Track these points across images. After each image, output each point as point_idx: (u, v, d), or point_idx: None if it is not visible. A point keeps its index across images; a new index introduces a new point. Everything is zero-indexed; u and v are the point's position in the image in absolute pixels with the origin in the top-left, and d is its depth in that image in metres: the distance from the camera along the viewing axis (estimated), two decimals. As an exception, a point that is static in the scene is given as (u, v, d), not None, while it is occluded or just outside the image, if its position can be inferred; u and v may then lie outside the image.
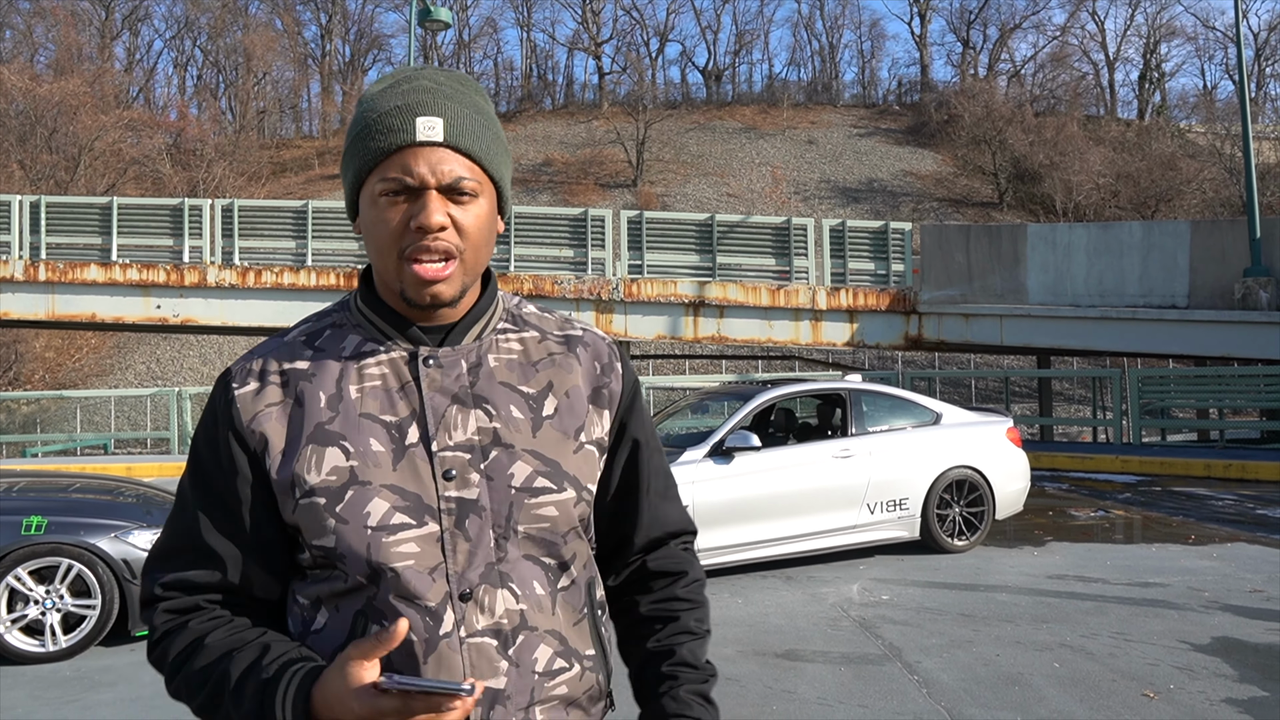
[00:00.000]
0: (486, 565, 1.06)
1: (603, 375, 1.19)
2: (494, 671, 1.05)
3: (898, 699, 4.05)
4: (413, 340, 1.12)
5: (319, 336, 1.15)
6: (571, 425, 1.14)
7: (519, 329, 1.18)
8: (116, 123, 37.38)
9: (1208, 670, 4.33)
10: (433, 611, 1.04)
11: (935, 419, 7.72)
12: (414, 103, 1.07)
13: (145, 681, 4.43)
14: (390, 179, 1.05)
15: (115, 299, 17.65)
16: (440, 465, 1.07)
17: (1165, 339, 15.68)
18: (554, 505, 1.10)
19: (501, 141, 1.14)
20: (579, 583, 1.15)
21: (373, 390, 1.10)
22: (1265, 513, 9.09)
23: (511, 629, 1.07)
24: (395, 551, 1.04)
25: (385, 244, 1.06)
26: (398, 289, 1.08)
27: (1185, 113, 48.06)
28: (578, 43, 54.42)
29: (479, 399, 1.11)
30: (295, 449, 1.07)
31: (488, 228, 1.11)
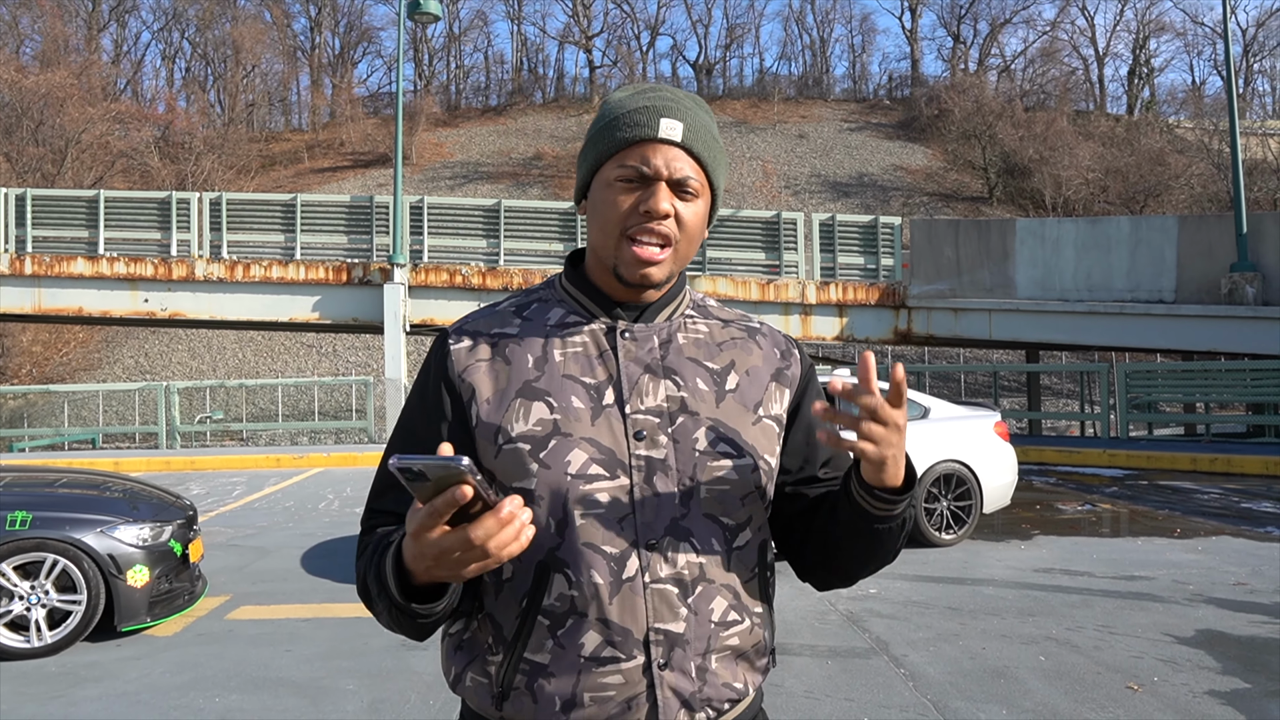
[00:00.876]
0: (671, 519, 1.16)
1: (783, 359, 1.31)
2: (674, 616, 1.14)
3: (884, 692, 4.07)
4: (612, 316, 1.24)
5: (527, 308, 1.28)
6: (752, 400, 1.25)
7: (704, 317, 1.31)
8: (104, 115, 37.11)
9: (1191, 663, 4.36)
10: (618, 558, 1.13)
11: (923, 413, 7.74)
12: (660, 105, 1.20)
13: (131, 677, 4.42)
14: (629, 166, 1.18)
15: (102, 292, 17.55)
16: (633, 426, 1.18)
17: (1152, 333, 15.77)
18: (733, 469, 1.19)
19: (725, 158, 1.26)
20: (753, 543, 1.23)
21: (575, 355, 1.22)
22: (1250, 506, 9.15)
23: (691, 579, 1.15)
24: (589, 499, 1.14)
25: (612, 222, 1.18)
26: (612, 265, 1.20)
27: (1174, 108, 48.28)
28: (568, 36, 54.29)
29: (669, 370, 1.22)
30: (503, 400, 1.19)
31: (700, 226, 1.23)
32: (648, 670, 1.13)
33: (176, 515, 5.42)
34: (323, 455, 14.67)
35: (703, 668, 1.15)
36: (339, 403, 28.52)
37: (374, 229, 17.83)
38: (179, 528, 5.34)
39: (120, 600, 4.93)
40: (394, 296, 17.11)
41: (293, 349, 32.60)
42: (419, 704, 4.00)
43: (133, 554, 5.01)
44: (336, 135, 45.95)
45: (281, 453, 15.30)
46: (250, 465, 14.43)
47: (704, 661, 1.16)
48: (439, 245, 17.95)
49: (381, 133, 44.02)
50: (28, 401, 27.37)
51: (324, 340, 32.48)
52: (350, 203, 18.40)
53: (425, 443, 1.19)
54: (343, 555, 7.28)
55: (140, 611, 5.01)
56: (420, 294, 17.54)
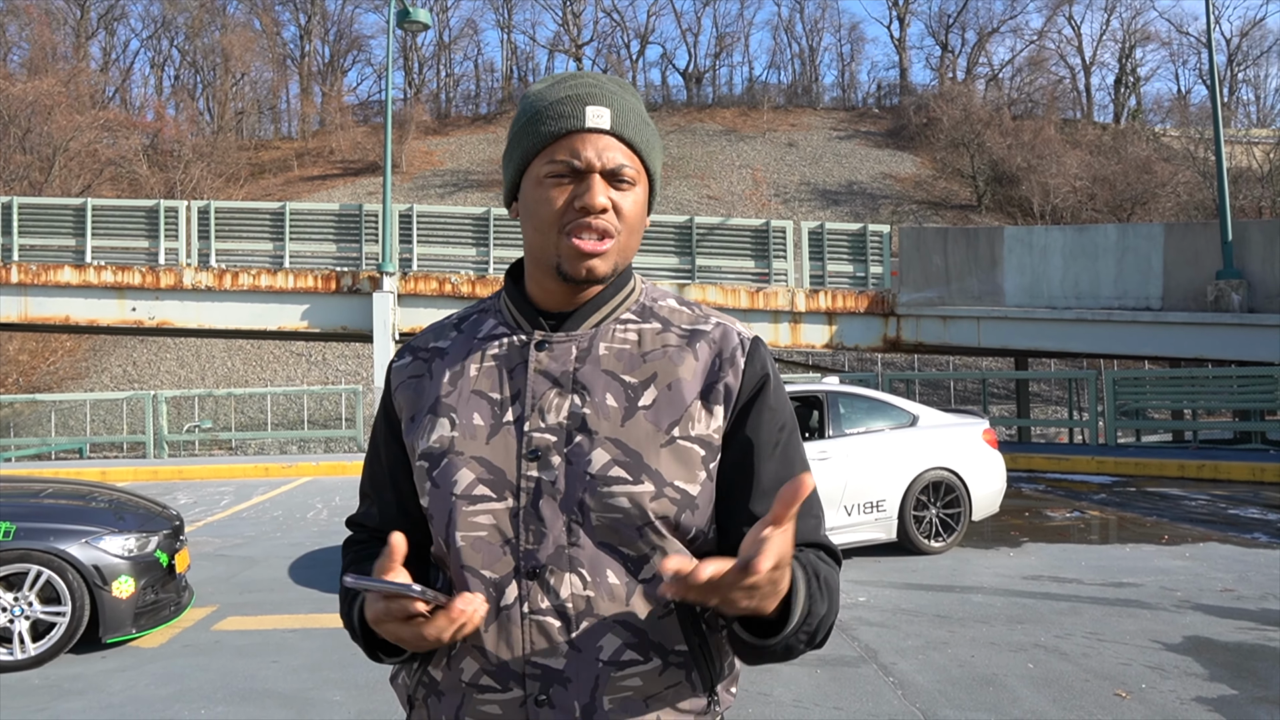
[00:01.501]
0: (556, 547, 1.09)
1: (719, 370, 1.15)
2: (554, 651, 1.08)
3: (873, 701, 4.07)
4: (534, 325, 1.18)
5: (466, 320, 1.25)
6: (667, 419, 1.12)
7: (642, 321, 1.19)
8: (92, 123, 36.99)
9: (1179, 669, 4.37)
10: (497, 584, 1.09)
11: (912, 421, 7.76)
12: (584, 94, 1.13)
13: (115, 689, 4.38)
14: (558, 161, 1.11)
15: (90, 301, 17.45)
16: (527, 444, 1.11)
17: (1140, 340, 15.85)
18: (626, 497, 1.09)
19: (658, 140, 1.20)
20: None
21: (488, 369, 1.17)
22: (1237, 512, 9.20)
23: (576, 613, 1.08)
24: (471, 521, 1.11)
25: (547, 221, 1.12)
26: (553, 264, 1.13)
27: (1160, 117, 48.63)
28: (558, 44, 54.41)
29: (578, 384, 1.13)
30: (419, 416, 1.18)
31: (641, 216, 1.17)
32: (524, 704, 1.08)
33: (163, 525, 5.38)
34: (311, 464, 14.61)
35: (591, 708, 1.07)
36: (328, 411, 28.41)
37: (363, 237, 17.80)
38: (165, 538, 5.30)
39: (105, 612, 4.90)
40: (383, 305, 17.07)
41: (282, 358, 32.48)
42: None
43: (118, 565, 4.97)
44: (326, 143, 45.89)
45: (270, 462, 15.23)
46: (238, 474, 14.36)
47: (592, 702, 1.07)
48: (429, 254, 17.93)
49: (371, 141, 43.97)
50: (14, 411, 27.18)
51: (313, 349, 32.38)
52: (339, 211, 18.37)
53: (380, 459, 1.26)
54: (332, 565, 7.25)
55: (125, 623, 4.97)
56: (410, 302, 17.51)
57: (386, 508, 1.25)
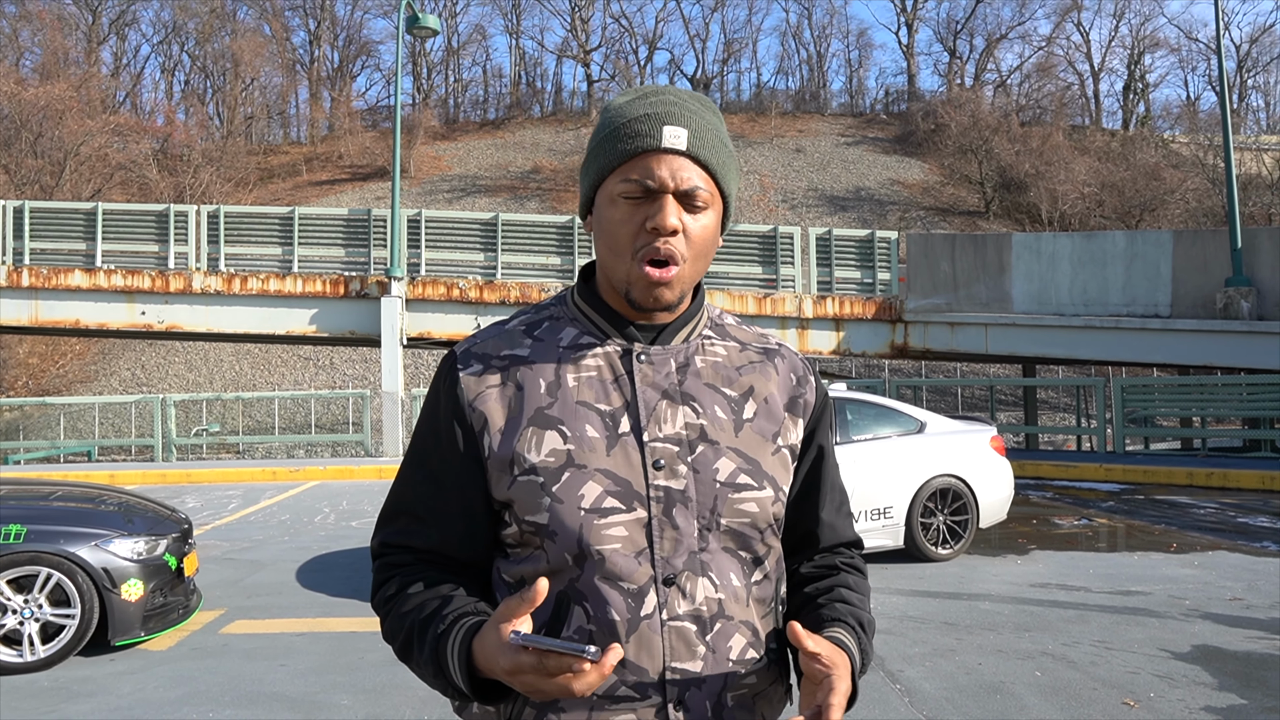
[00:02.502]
0: (689, 553, 1.11)
1: (798, 386, 1.25)
2: (692, 655, 1.10)
3: (880, 707, 4.06)
4: (627, 337, 1.18)
5: (538, 327, 1.21)
6: (769, 429, 1.20)
7: (722, 338, 1.24)
8: (103, 128, 37.20)
9: (1187, 678, 4.36)
10: (636, 593, 1.09)
11: (919, 428, 7.75)
12: (662, 112, 1.12)
13: (124, 692, 4.40)
14: (632, 180, 1.11)
15: (99, 305, 17.54)
16: (650, 455, 1.12)
17: (1148, 348, 15.80)
18: (754, 501, 1.15)
19: (735, 162, 1.19)
20: (771, 578, 1.19)
21: (589, 380, 1.16)
22: (1246, 521, 9.15)
23: (710, 616, 1.11)
24: (605, 534, 1.10)
25: (621, 243, 1.12)
26: (624, 288, 1.14)
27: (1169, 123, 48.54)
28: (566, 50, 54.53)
29: (687, 396, 1.16)
30: (515, 429, 1.14)
31: (712, 239, 1.17)
32: (662, 711, 1.09)
33: (171, 529, 5.40)
34: (319, 468, 14.65)
35: (719, 706, 1.11)
36: (336, 416, 28.48)
37: (371, 242, 17.86)
38: (174, 541, 5.32)
39: (114, 614, 4.91)
40: (391, 309, 17.11)
41: (290, 362, 32.58)
42: (413, 719, 3.98)
43: (127, 568, 4.99)
44: (335, 148, 46.06)
45: (278, 466, 15.27)
46: (246, 478, 14.40)
47: (720, 700, 1.11)
48: (436, 258, 17.98)
49: (380, 146, 44.12)
50: (24, 414, 27.32)
51: (321, 353, 32.47)
52: (348, 216, 18.43)
53: (438, 476, 1.18)
54: (339, 569, 7.26)
55: (134, 625, 4.99)
56: (417, 307, 17.55)
57: (450, 526, 1.18)
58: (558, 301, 1.25)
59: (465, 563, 1.19)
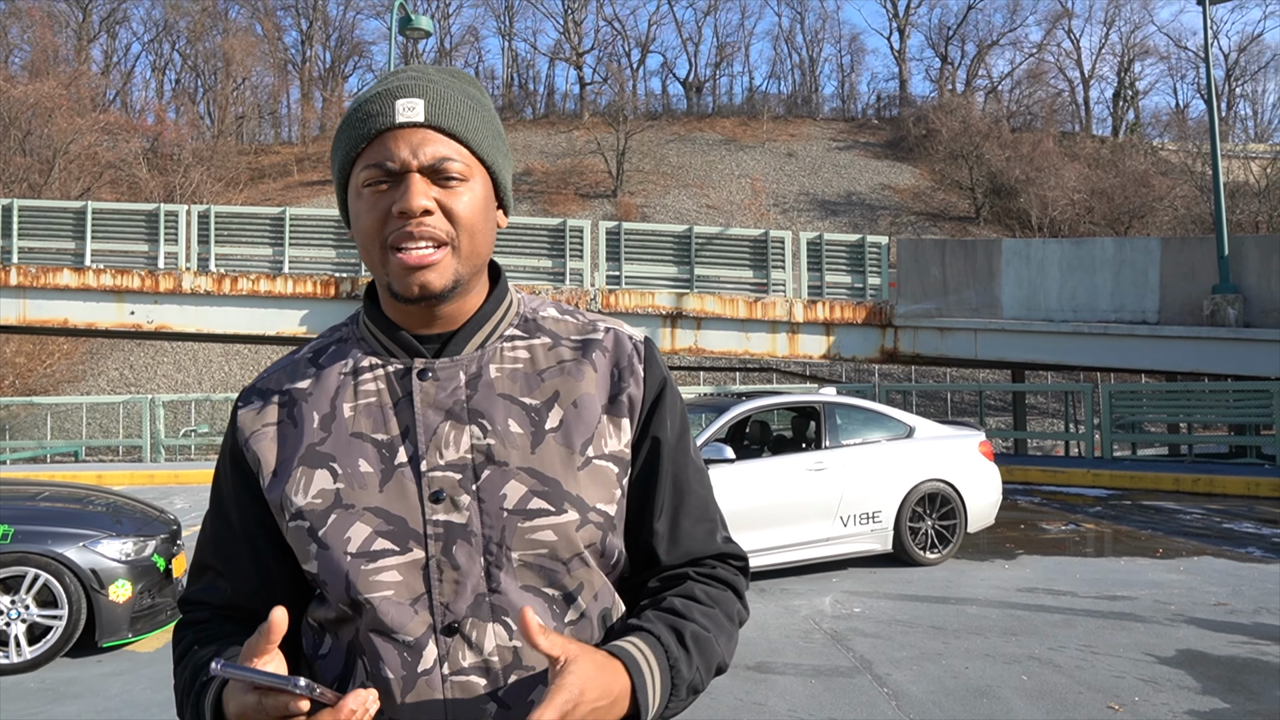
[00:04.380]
0: (476, 596, 0.98)
1: (621, 380, 1.08)
2: (480, 714, 0.97)
3: (867, 711, 4.08)
4: (410, 351, 1.04)
5: (324, 353, 1.10)
6: (578, 439, 1.04)
7: (530, 335, 1.09)
8: (92, 126, 37.06)
9: (1171, 682, 4.39)
10: (413, 646, 0.97)
11: (908, 432, 7.78)
12: (394, 88, 1.01)
13: (112, 693, 4.39)
14: (372, 166, 0.99)
15: (88, 304, 17.46)
16: (429, 486, 0.99)
17: (1136, 354, 15.89)
18: (551, 529, 1.00)
19: (494, 127, 1.06)
20: (590, 616, 1.04)
21: (366, 407, 1.03)
22: (1231, 526, 9.22)
23: (503, 667, 0.98)
24: (374, 580, 0.98)
25: (370, 235, 1.00)
26: (386, 283, 1.01)
27: (1158, 130, 48.82)
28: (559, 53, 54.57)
29: (474, 414, 1.02)
30: (287, 470, 1.03)
31: (482, 214, 1.03)
32: None
33: (160, 530, 5.39)
34: (308, 469, 14.60)
35: None
36: (325, 416, 28.40)
37: (363, 243, 17.82)
38: (162, 542, 5.31)
39: (102, 615, 4.90)
40: (382, 311, 17.07)
41: (279, 362, 32.48)
42: None
43: (115, 569, 4.98)
44: (326, 149, 45.93)
45: (267, 467, 15.22)
46: (235, 479, 14.34)
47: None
48: (428, 260, 17.94)
49: (371, 147, 43.99)
50: (10, 413, 27.15)
51: (311, 354, 32.36)
52: (339, 217, 18.37)
53: (228, 523, 1.08)
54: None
55: (122, 627, 4.98)
56: (408, 308, 17.51)
57: (242, 577, 1.07)
58: (351, 321, 1.12)
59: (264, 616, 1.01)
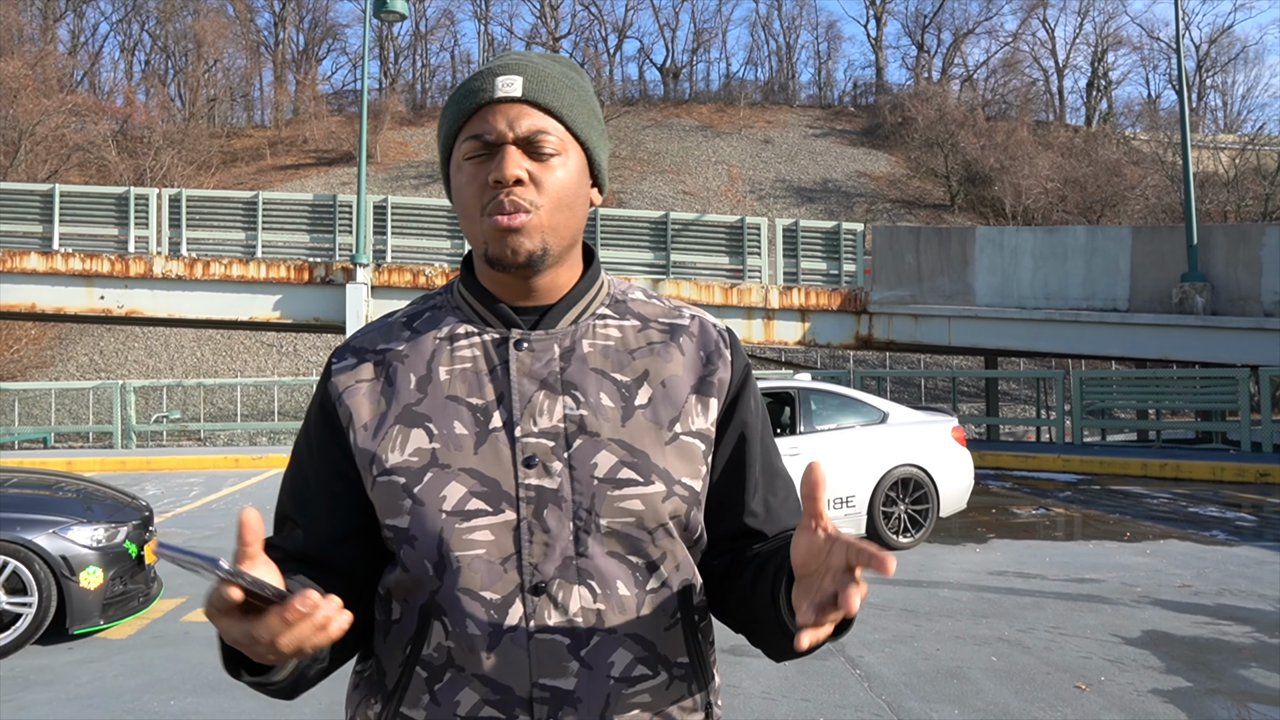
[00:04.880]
0: (564, 559, 1.02)
1: (708, 364, 1.13)
2: (562, 671, 1.00)
3: (840, 692, 4.13)
4: (507, 322, 1.09)
5: (419, 318, 1.14)
6: (666, 416, 1.08)
7: (620, 316, 1.13)
8: (59, 107, 36.38)
9: (1136, 662, 4.48)
10: (499, 604, 1.01)
11: (882, 418, 7.85)
12: (496, 66, 1.08)
13: (83, 681, 4.36)
14: (472, 138, 1.05)
15: (56, 289, 17.20)
16: (522, 451, 1.03)
17: (1107, 341, 16.10)
18: (639, 499, 1.03)
19: (590, 107, 1.11)
20: (671, 584, 1.07)
21: (462, 372, 1.08)
22: (1196, 510, 9.39)
23: (586, 629, 1.01)
24: (467, 539, 1.01)
25: (469, 204, 1.05)
26: (483, 251, 1.06)
27: (1130, 120, 49.31)
28: (535, 37, 54.15)
29: (568, 385, 1.06)
30: (381, 426, 1.06)
31: (573, 189, 1.07)
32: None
33: (132, 516, 5.35)
34: (282, 456, 14.51)
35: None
36: (299, 403, 28.19)
37: (337, 228, 17.68)
38: (134, 529, 5.27)
39: (73, 602, 4.86)
40: (356, 296, 16.96)
41: (253, 348, 32.18)
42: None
43: (86, 555, 4.94)
44: (300, 132, 45.45)
45: (240, 453, 15.12)
46: (208, 466, 14.24)
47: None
48: (403, 245, 17.84)
49: (345, 130, 43.59)
50: (-23, 399, 26.70)
51: (285, 340, 32.09)
52: (313, 201, 18.22)
53: (306, 475, 1.11)
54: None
55: (93, 614, 4.94)
56: (383, 294, 17.41)
57: (316, 526, 1.09)
58: (445, 290, 1.17)
59: (335, 567, 1.08)
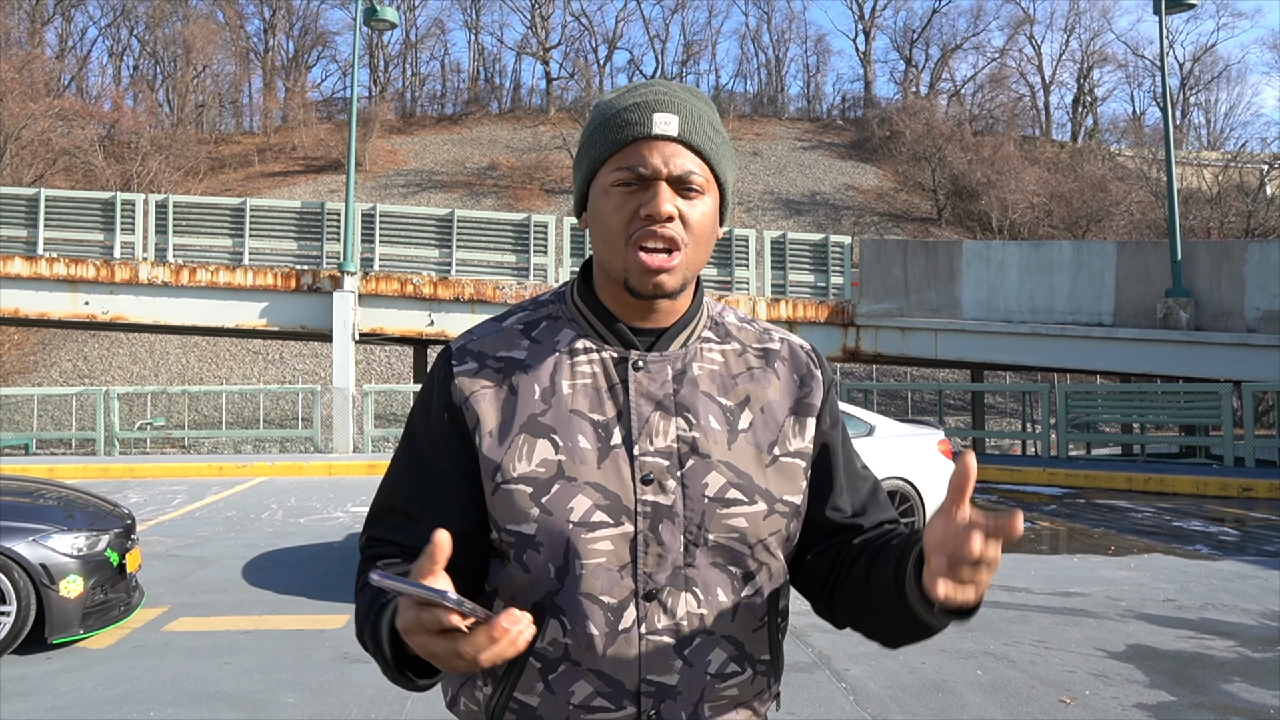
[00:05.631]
0: (674, 569, 1.10)
1: (803, 386, 1.21)
2: (668, 669, 1.09)
3: (825, 706, 4.12)
4: (625, 342, 1.15)
5: (535, 327, 1.18)
6: (766, 439, 1.16)
7: (721, 340, 1.20)
8: (46, 111, 36.17)
9: (1121, 676, 4.49)
10: (615, 608, 1.08)
11: (869, 431, 7.87)
12: (652, 101, 1.11)
13: (61, 691, 4.30)
14: (625, 169, 1.09)
15: (40, 294, 17.09)
16: (640, 469, 1.10)
17: (1092, 355, 16.20)
18: (744, 517, 1.12)
19: (730, 150, 1.16)
20: (764, 591, 1.16)
21: (584, 388, 1.13)
22: (1180, 524, 9.44)
23: (690, 631, 1.10)
24: (591, 548, 1.08)
25: (615, 232, 1.09)
26: (622, 278, 1.10)
27: (1115, 137, 49.77)
28: (526, 47, 54.29)
29: (681, 407, 1.13)
30: (507, 434, 1.11)
31: (710, 227, 1.13)
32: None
33: (113, 524, 5.30)
34: (267, 464, 14.42)
35: (695, 716, 1.11)
36: (285, 411, 28.04)
37: (324, 235, 17.63)
38: (116, 537, 5.22)
39: (52, 611, 4.81)
40: (344, 304, 16.91)
41: (238, 355, 32.00)
42: (360, 717, 3.96)
43: (66, 564, 4.89)
44: (288, 139, 45.33)
45: (224, 461, 15.01)
46: (192, 474, 14.13)
47: (696, 711, 1.11)
48: (390, 254, 17.81)
49: (334, 138, 43.51)
50: (-42, 404, 26.44)
51: (271, 347, 31.94)
52: (301, 208, 18.17)
53: (431, 474, 1.15)
54: (286, 566, 7.17)
55: (73, 623, 4.88)
56: (370, 302, 17.36)
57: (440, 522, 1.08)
58: (557, 299, 1.22)
59: (456, 565, 1.09)
